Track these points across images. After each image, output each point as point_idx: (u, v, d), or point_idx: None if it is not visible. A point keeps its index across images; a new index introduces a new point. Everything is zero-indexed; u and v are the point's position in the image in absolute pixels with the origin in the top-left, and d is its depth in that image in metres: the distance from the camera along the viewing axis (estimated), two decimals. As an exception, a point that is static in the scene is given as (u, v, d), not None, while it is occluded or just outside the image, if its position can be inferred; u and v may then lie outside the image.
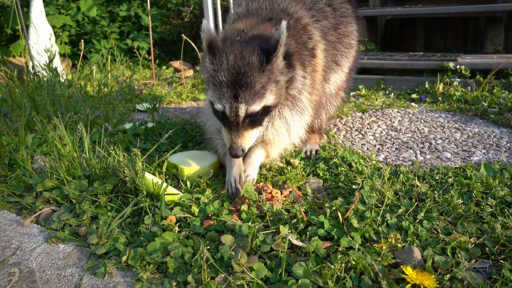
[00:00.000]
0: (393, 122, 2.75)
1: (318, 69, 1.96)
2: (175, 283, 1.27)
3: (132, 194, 1.72)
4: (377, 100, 3.38)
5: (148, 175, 1.70)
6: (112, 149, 1.86)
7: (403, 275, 1.21)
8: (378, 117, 2.90)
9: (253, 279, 1.23)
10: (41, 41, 4.13)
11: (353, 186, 1.76)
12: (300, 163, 2.07)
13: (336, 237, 1.42)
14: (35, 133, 2.46)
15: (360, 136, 2.54)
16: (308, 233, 1.46)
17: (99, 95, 3.40)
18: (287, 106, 1.83)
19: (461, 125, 2.63)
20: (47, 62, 3.24)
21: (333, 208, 1.59)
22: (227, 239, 1.40)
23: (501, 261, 1.29)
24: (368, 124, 2.76)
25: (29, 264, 1.41)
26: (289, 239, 1.39)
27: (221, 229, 1.52)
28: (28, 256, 1.45)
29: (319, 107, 2.13)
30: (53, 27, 4.99)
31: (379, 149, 2.31)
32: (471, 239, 1.36)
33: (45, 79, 3.22)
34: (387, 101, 3.34)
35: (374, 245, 1.38)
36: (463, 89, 3.29)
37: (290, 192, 1.74)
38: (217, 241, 1.44)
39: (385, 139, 2.46)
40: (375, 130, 2.63)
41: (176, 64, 5.13)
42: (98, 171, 1.87)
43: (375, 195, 1.68)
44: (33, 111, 2.24)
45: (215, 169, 1.97)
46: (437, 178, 1.82)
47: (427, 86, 3.44)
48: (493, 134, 2.42)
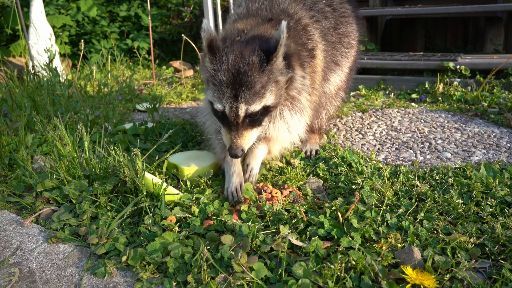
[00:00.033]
0: (393, 122, 2.75)
1: (318, 70, 1.96)
2: (175, 283, 1.27)
3: (132, 194, 1.72)
4: (377, 100, 3.38)
5: (148, 175, 1.70)
6: (112, 149, 1.86)
7: (403, 275, 1.21)
8: (378, 117, 2.90)
9: (253, 279, 1.23)
10: (41, 41, 4.13)
11: (353, 186, 1.76)
12: (300, 163, 2.07)
13: (336, 237, 1.42)
14: (35, 133, 2.46)
15: (360, 136, 2.54)
16: (308, 233, 1.47)
17: (99, 95, 3.39)
18: (287, 107, 1.84)
19: (461, 125, 2.63)
20: (47, 62, 3.24)
21: (333, 208, 1.59)
22: (227, 239, 1.40)
23: (501, 261, 1.29)
24: (368, 124, 2.76)
25: (29, 264, 1.41)
26: (289, 239, 1.39)
27: (221, 229, 1.52)
28: (28, 256, 1.45)
29: (318, 107, 2.13)
30: (53, 27, 4.99)
31: (379, 149, 2.31)
32: (471, 239, 1.36)
33: (45, 79, 3.21)
34: (387, 101, 3.34)
35: (374, 245, 1.38)
36: (463, 89, 3.28)
37: (290, 192, 1.74)
38: (217, 241, 1.44)
39: (385, 139, 2.46)
40: (375, 130, 2.63)
41: (176, 64, 5.13)
42: (98, 171, 1.87)
43: (375, 195, 1.68)
44: (33, 111, 2.24)
45: (215, 169, 1.97)
46: (437, 178, 1.82)
47: (427, 86, 3.44)
48: (493, 134, 2.42)
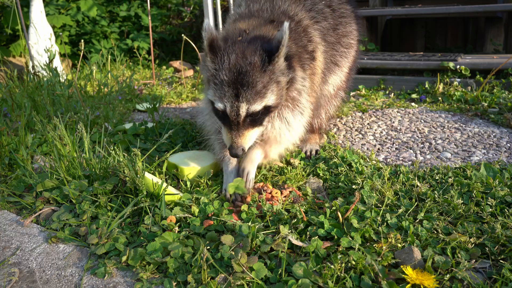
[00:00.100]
0: (393, 122, 2.75)
1: (318, 72, 1.96)
2: (175, 283, 1.27)
3: (132, 194, 1.72)
4: (377, 100, 3.38)
5: (148, 175, 1.70)
6: (112, 149, 1.86)
7: (403, 275, 1.21)
8: (378, 117, 2.90)
9: (253, 279, 1.23)
10: (41, 41, 4.13)
11: (353, 186, 1.76)
12: (300, 163, 2.07)
13: (336, 237, 1.42)
14: (35, 133, 2.46)
15: (360, 136, 2.54)
16: (308, 233, 1.46)
17: (99, 95, 3.39)
18: (287, 107, 1.84)
19: (461, 125, 2.63)
20: (47, 62, 3.24)
21: (333, 208, 1.59)
22: (227, 239, 1.40)
23: (501, 261, 1.29)
24: (368, 124, 2.76)
25: (29, 264, 1.41)
26: (289, 239, 1.39)
27: (221, 229, 1.52)
28: (28, 256, 1.45)
29: (318, 107, 2.13)
30: (53, 27, 4.99)
31: (379, 149, 2.31)
32: (471, 239, 1.36)
33: (45, 79, 3.21)
34: (387, 101, 3.34)
35: (374, 245, 1.38)
36: (463, 89, 3.28)
37: (290, 192, 1.74)
38: (217, 241, 1.44)
39: (385, 139, 2.46)
40: (375, 130, 2.63)
41: (176, 64, 5.13)
42: (98, 171, 1.87)
43: (375, 195, 1.68)
44: (33, 111, 2.24)
45: (215, 169, 1.97)
46: (437, 178, 1.82)
47: (427, 86, 3.44)
48: (493, 134, 2.42)
